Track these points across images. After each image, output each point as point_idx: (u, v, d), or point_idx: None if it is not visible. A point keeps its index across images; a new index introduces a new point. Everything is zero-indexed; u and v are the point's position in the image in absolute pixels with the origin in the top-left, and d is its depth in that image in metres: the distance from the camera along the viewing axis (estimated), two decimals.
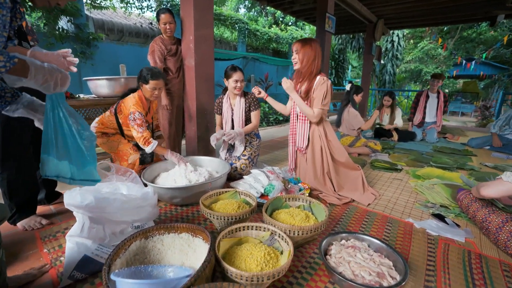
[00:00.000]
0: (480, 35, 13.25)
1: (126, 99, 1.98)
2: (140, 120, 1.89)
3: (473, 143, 3.77)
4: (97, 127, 2.05)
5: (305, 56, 1.86)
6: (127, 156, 2.06)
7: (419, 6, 5.26)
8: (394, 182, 2.31)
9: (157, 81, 1.93)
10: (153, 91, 1.95)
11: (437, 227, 1.58)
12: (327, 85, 1.86)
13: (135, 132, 1.89)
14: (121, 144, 2.07)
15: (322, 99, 1.86)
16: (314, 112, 1.91)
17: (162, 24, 2.40)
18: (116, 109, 2.02)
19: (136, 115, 1.88)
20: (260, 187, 1.90)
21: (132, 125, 1.89)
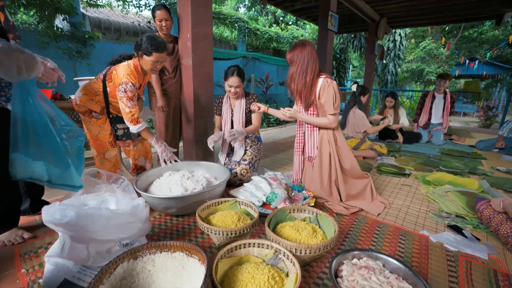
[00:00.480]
0: (482, 35, 13.14)
1: (119, 66, 1.73)
2: (132, 93, 1.65)
3: (481, 146, 3.65)
4: (81, 98, 1.77)
5: (297, 61, 1.74)
6: (103, 149, 1.91)
7: (424, 4, 5.13)
8: (403, 189, 2.18)
9: (161, 54, 1.72)
10: (154, 64, 1.73)
11: (455, 241, 1.45)
12: (334, 87, 1.73)
13: (123, 105, 1.67)
14: (102, 131, 1.87)
15: (333, 103, 1.73)
16: (329, 119, 1.79)
17: (157, 21, 2.27)
18: (106, 75, 1.76)
19: (128, 87, 1.64)
20: (262, 195, 1.77)
21: (120, 97, 1.66)
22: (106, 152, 1.92)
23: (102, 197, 1.26)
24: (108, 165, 1.97)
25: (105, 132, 1.89)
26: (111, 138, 1.92)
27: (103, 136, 1.89)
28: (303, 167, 2.05)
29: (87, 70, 5.02)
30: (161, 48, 1.70)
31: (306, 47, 1.72)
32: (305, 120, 1.88)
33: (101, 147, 1.90)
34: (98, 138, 1.88)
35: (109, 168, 1.97)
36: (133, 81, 1.67)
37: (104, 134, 1.89)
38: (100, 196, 1.26)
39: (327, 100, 1.73)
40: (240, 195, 1.81)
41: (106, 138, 1.90)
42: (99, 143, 1.88)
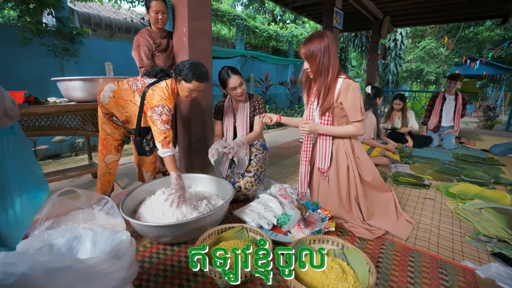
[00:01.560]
0: (477, 35, 13.16)
1: (157, 87, 1.61)
2: (168, 117, 1.54)
3: (496, 150, 3.44)
4: (110, 100, 1.67)
5: (315, 55, 1.44)
6: (106, 151, 1.79)
7: (428, 2, 4.93)
8: (427, 203, 1.94)
9: (201, 84, 1.61)
10: (191, 92, 1.62)
11: (508, 276, 1.21)
12: (359, 89, 1.47)
13: (156, 128, 1.51)
14: (113, 134, 1.77)
15: (361, 107, 1.47)
16: (355, 126, 1.51)
17: (153, 13, 1.99)
18: (146, 92, 1.62)
19: (165, 110, 1.52)
20: (272, 217, 1.51)
21: (155, 120, 1.52)
22: (107, 154, 1.82)
23: (75, 232, 0.99)
24: (103, 169, 1.82)
25: (116, 136, 1.81)
26: (118, 142, 1.84)
27: (112, 138, 1.80)
28: (309, 178, 1.79)
29: (75, 69, 4.69)
30: (202, 78, 1.60)
31: (325, 38, 1.42)
32: (329, 133, 1.59)
33: (106, 148, 1.81)
34: (106, 139, 1.79)
35: (102, 173, 1.83)
36: (169, 106, 1.56)
37: (114, 137, 1.80)
38: (72, 231, 0.99)
39: (354, 105, 1.46)
40: (247, 216, 1.55)
41: (114, 141, 1.81)
42: (105, 143, 1.80)
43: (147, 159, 1.98)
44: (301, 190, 1.80)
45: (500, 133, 5.38)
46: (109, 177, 1.86)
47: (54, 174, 2.16)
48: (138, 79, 1.69)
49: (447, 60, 10.64)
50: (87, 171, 2.30)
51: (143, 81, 1.66)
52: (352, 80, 1.49)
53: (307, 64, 1.50)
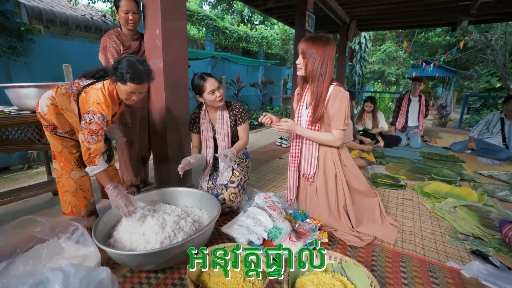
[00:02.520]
0: (428, 40, 14.55)
1: (91, 89, 1.36)
2: (98, 126, 1.30)
3: (455, 148, 3.75)
4: (49, 109, 1.41)
5: (314, 58, 1.43)
6: (69, 168, 1.53)
7: (391, 9, 5.27)
8: (406, 204, 2.02)
9: (139, 86, 1.35)
10: (129, 95, 1.37)
11: (488, 273, 1.28)
12: (347, 98, 1.46)
13: (83, 138, 1.31)
14: (66, 149, 1.50)
15: (345, 116, 1.46)
16: (334, 135, 1.51)
17: (122, 13, 1.79)
18: (80, 93, 1.38)
19: (96, 118, 1.29)
20: (262, 231, 1.44)
21: (82, 128, 1.30)
22: (72, 171, 1.54)
23: (39, 275, 0.82)
24: (73, 186, 1.55)
25: (70, 150, 1.51)
26: (76, 156, 1.53)
27: (67, 154, 1.52)
28: (297, 185, 1.76)
29: (26, 71, 4.17)
30: (139, 79, 1.33)
31: (329, 45, 1.41)
32: (306, 135, 1.58)
33: (67, 165, 1.53)
34: (62, 154, 1.51)
35: (73, 190, 1.55)
36: (103, 111, 1.31)
37: (69, 152, 1.51)
38: (36, 275, 0.82)
39: (338, 113, 1.46)
40: (235, 232, 1.46)
41: (70, 156, 1.53)
42: (64, 159, 1.53)
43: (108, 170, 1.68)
44: (289, 196, 1.76)
45: (455, 131, 5.91)
46: (83, 194, 1.58)
47: (4, 196, 1.84)
48: (75, 82, 1.44)
49: (405, 63, 11.48)
50: (47, 189, 2.01)
51: (79, 83, 1.41)
52: (343, 88, 1.49)
53: (301, 60, 1.47)
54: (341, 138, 1.52)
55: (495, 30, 8.64)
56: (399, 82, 11.26)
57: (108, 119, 1.35)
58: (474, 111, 8.00)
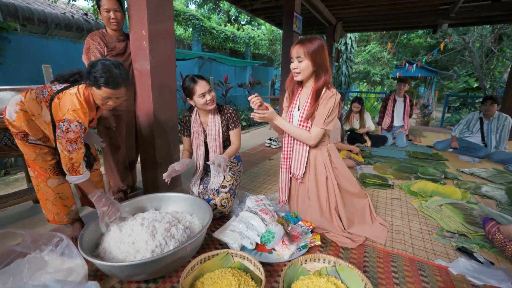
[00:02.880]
0: (410, 41, 15.09)
1: (65, 95, 1.27)
2: (76, 134, 1.23)
3: (439, 146, 3.88)
4: (18, 115, 1.31)
5: (314, 56, 1.43)
6: (45, 176, 1.42)
7: (375, 11, 5.41)
8: (395, 204, 2.06)
9: (115, 91, 1.28)
10: (105, 100, 1.31)
11: (474, 269, 1.33)
12: (336, 99, 1.47)
13: (61, 147, 1.25)
14: (39, 157, 1.39)
15: (326, 116, 1.47)
16: (311, 132, 1.51)
17: (104, 11, 1.73)
18: (53, 99, 1.28)
19: (73, 126, 1.22)
20: (255, 235, 1.43)
21: (59, 137, 1.24)
22: (48, 179, 1.44)
23: None
24: (51, 195, 1.45)
25: (45, 158, 1.41)
26: (52, 164, 1.43)
27: (41, 162, 1.40)
28: (289, 186, 1.76)
29: (1, 72, 3.96)
30: (115, 83, 1.26)
31: (325, 48, 1.45)
32: (283, 127, 1.57)
33: (43, 174, 1.43)
34: (37, 162, 1.41)
35: (52, 199, 1.46)
36: (80, 119, 1.24)
37: (43, 160, 1.41)
38: None
39: (321, 111, 1.47)
40: (228, 237, 1.44)
41: (45, 164, 1.42)
42: (39, 168, 1.42)
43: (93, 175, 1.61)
44: (282, 198, 1.76)
45: (437, 129, 6.12)
46: (63, 202, 1.50)
47: None
48: (46, 86, 1.34)
49: (389, 63, 11.80)
50: (27, 197, 1.91)
51: (51, 87, 1.32)
52: (335, 89, 1.50)
53: (297, 64, 1.46)
54: (317, 137, 1.51)
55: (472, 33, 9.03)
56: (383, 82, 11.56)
57: (86, 126, 1.29)
58: (454, 110, 8.32)
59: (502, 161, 3.20)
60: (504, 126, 3.42)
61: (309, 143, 1.54)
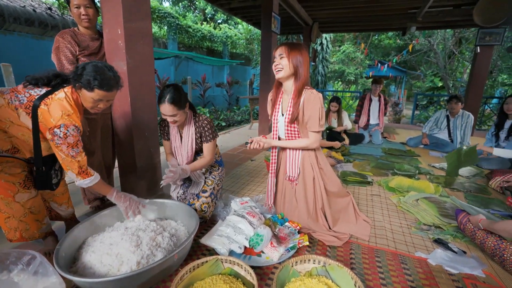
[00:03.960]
0: (380, 42, 15.89)
1: (53, 101, 1.19)
2: (75, 138, 1.20)
3: (411, 143, 4.10)
4: None
5: (293, 62, 1.46)
6: (12, 191, 1.28)
7: (349, 13, 5.59)
8: (375, 200, 2.15)
9: (108, 93, 1.26)
10: (96, 103, 1.27)
11: (449, 259, 1.42)
12: (320, 100, 1.49)
13: (63, 155, 1.20)
14: (6, 169, 1.24)
15: (319, 119, 1.49)
16: (310, 138, 1.54)
17: (74, 8, 1.60)
18: (38, 106, 1.18)
19: (71, 131, 1.18)
20: (243, 239, 1.42)
21: (58, 144, 1.17)
22: (16, 194, 1.29)
23: None
24: (20, 211, 1.31)
25: (13, 171, 1.27)
26: (21, 177, 1.30)
27: (8, 176, 1.25)
28: (276, 190, 1.78)
29: None
30: (108, 86, 1.25)
31: (304, 51, 1.48)
32: (284, 146, 1.64)
33: (8, 188, 1.26)
34: (1, 177, 1.25)
35: (21, 215, 1.32)
36: (76, 123, 1.21)
37: (10, 173, 1.26)
38: None
39: (312, 116, 1.49)
40: (215, 243, 1.41)
41: (13, 178, 1.27)
42: (3, 182, 1.25)
43: (55, 191, 1.50)
44: (268, 202, 1.76)
45: (408, 126, 6.47)
46: (34, 217, 1.37)
47: None
48: (20, 90, 1.22)
49: (362, 63, 12.28)
50: None
51: (29, 92, 1.22)
52: (315, 90, 1.52)
53: (280, 61, 1.48)
54: (317, 140, 1.56)
55: (436, 36, 9.68)
56: (357, 81, 12.01)
57: (81, 129, 1.24)
58: (422, 107, 8.86)
59: None
60: (467, 123, 3.70)
61: (312, 147, 1.59)
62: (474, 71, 5.30)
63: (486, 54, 5.15)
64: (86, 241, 1.32)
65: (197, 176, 1.77)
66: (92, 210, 1.96)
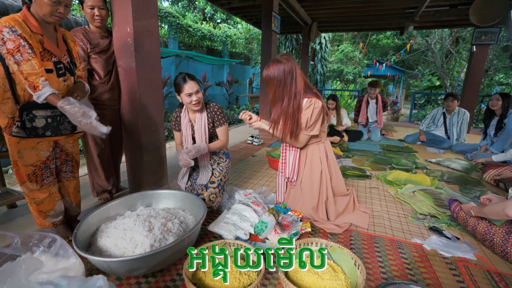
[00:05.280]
0: (379, 41, 16.01)
1: None
2: (15, 42, 1.11)
3: (408, 140, 4.19)
4: None
5: (272, 85, 1.57)
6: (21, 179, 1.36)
7: (347, 12, 5.67)
8: (374, 192, 2.23)
9: None
10: (54, 7, 1.18)
11: (443, 244, 1.50)
12: (313, 109, 1.56)
13: (11, 68, 1.15)
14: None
15: (306, 125, 1.58)
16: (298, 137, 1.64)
17: (88, 8, 1.67)
18: None
19: (5, 34, 1.10)
20: (248, 226, 1.49)
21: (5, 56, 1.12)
22: (23, 184, 1.38)
23: None
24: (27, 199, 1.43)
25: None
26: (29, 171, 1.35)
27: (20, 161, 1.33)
28: (285, 189, 1.86)
29: None
30: None
31: (288, 62, 1.53)
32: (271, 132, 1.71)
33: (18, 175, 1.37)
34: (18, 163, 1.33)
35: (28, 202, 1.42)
36: (8, 23, 1.11)
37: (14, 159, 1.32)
38: None
39: (302, 121, 1.59)
40: (222, 229, 1.49)
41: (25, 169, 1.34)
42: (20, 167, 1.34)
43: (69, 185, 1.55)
44: (278, 199, 1.88)
45: (406, 124, 6.57)
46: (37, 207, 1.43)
47: None
48: None
49: (360, 62, 12.40)
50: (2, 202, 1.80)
51: None
52: (317, 99, 1.57)
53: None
54: (302, 141, 1.65)
55: (434, 35, 9.78)
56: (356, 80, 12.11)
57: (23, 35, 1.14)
58: (420, 106, 8.96)
59: (462, 151, 3.55)
60: (463, 120, 3.79)
61: (297, 145, 1.69)
62: (470, 69, 5.39)
63: (482, 53, 5.25)
64: (100, 227, 1.39)
65: (205, 165, 1.85)
66: (100, 203, 2.02)
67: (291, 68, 1.53)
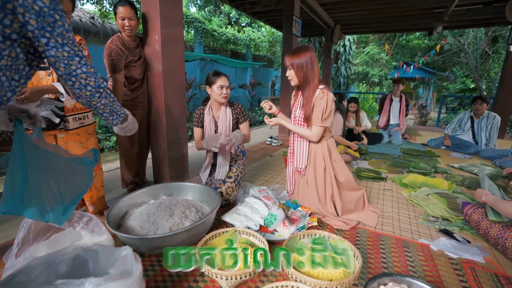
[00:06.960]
0: (409, 42, 15.36)
1: None
2: None
3: (432, 144, 4.06)
4: None
5: (299, 72, 1.66)
6: None
7: (372, 14, 5.59)
8: (386, 194, 2.24)
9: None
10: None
11: (452, 246, 1.50)
12: (327, 99, 1.65)
13: None
14: None
15: (322, 115, 1.66)
16: (312, 131, 1.73)
17: (119, 19, 1.90)
18: None
19: None
20: (259, 218, 1.61)
21: None
22: None
23: (73, 251, 0.95)
24: None
25: None
26: None
27: None
28: (294, 178, 1.96)
29: None
30: None
31: (308, 51, 1.65)
32: (288, 127, 1.83)
33: None
34: None
35: None
36: None
37: None
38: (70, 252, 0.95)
39: (316, 112, 1.68)
40: (235, 220, 1.62)
41: None
42: None
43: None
44: (289, 188, 1.99)
45: (433, 129, 6.30)
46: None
47: None
48: None
49: (387, 64, 12.01)
50: None
51: None
52: (327, 90, 1.68)
53: (289, 72, 1.69)
54: (318, 134, 1.73)
55: (468, 35, 9.24)
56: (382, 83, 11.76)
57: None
58: (452, 110, 8.51)
59: (490, 157, 3.37)
60: (493, 125, 3.60)
61: (313, 139, 1.77)
62: (506, 71, 5.07)
63: None
64: (128, 212, 1.59)
65: (224, 162, 2.00)
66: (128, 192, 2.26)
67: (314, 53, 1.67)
